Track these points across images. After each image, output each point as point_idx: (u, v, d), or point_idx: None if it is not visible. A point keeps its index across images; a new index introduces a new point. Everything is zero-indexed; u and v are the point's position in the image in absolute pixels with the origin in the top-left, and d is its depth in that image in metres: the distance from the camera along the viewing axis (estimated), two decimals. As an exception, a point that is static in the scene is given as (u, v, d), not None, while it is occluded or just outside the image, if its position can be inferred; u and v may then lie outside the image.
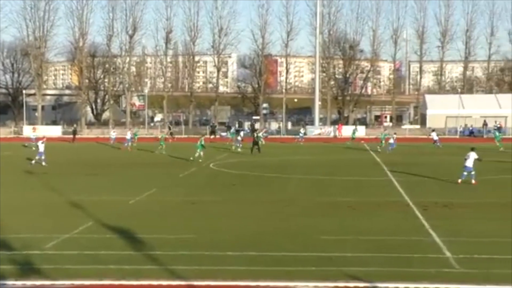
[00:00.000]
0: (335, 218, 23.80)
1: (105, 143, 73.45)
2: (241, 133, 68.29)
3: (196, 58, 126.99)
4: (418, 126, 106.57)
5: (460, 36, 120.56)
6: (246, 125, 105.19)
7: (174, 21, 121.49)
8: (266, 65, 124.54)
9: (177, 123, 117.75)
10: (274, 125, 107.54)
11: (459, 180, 34.15)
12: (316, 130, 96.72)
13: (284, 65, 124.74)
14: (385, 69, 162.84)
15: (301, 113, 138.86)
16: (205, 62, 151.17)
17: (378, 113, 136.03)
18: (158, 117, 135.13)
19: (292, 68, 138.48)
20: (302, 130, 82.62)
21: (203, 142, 50.56)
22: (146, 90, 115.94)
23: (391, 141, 61.32)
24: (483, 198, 29.04)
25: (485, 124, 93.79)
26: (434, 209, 25.72)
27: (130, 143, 64.91)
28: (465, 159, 34.71)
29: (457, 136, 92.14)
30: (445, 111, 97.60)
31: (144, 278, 15.31)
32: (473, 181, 33.83)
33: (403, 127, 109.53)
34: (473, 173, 34.23)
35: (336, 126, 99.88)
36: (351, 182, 36.35)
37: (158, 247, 18.60)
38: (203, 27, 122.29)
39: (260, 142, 61.98)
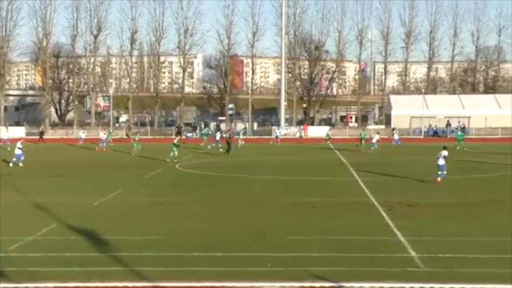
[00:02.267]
0: (301, 219, 23.85)
1: (74, 144, 72.85)
2: (218, 134, 68.43)
3: (162, 59, 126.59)
4: (383, 127, 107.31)
5: (424, 37, 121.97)
6: (212, 125, 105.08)
7: (139, 22, 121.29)
8: (232, 66, 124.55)
9: (143, 124, 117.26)
10: (240, 126, 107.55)
11: (439, 179, 34.33)
12: (282, 131, 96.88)
13: (250, 65, 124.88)
14: (351, 70, 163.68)
15: (267, 113, 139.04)
16: (171, 62, 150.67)
17: (343, 114, 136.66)
18: (123, 118, 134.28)
19: (258, 68, 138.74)
20: (278, 130, 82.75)
21: (176, 142, 50.77)
22: (111, 91, 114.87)
23: (374, 140, 61.61)
24: (446, 198, 29.32)
25: (448, 124, 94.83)
26: (399, 209, 25.91)
27: (105, 144, 64.45)
28: (438, 158, 34.92)
29: (422, 136, 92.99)
30: (409, 112, 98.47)
31: (110, 280, 15.19)
32: (438, 179, 34.04)
33: (368, 127, 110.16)
34: (444, 172, 34.42)
35: (302, 127, 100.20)
36: (317, 183, 36.49)
37: (123, 249, 18.49)
38: (169, 27, 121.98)
39: (239, 143, 62.56)
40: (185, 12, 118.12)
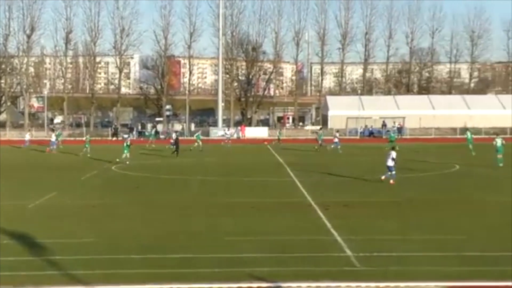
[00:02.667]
0: (238, 219, 23.85)
1: (18, 146, 71.55)
2: (174, 135, 68.10)
3: (97, 59, 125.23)
4: (320, 127, 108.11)
5: (360, 39, 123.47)
6: (149, 126, 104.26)
7: (74, 21, 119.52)
8: (169, 66, 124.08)
9: (78, 125, 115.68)
10: (177, 127, 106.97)
11: (383, 177, 34.67)
12: (219, 132, 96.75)
13: (187, 66, 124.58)
14: (288, 71, 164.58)
15: (204, 114, 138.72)
16: (107, 63, 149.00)
17: (280, 114, 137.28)
18: (58, 119, 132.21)
19: (195, 69, 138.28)
20: (227, 131, 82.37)
21: (129, 143, 50.79)
22: (45, 92, 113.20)
23: (336, 140, 61.93)
24: (381, 198, 29.69)
25: (384, 125, 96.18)
26: (335, 208, 26.11)
27: (55, 146, 63.46)
28: (386, 159, 35.24)
29: (358, 137, 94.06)
30: (345, 112, 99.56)
31: (44, 284, 14.92)
32: (391, 181, 34.30)
33: (305, 128, 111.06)
34: (393, 172, 34.71)
35: (239, 128, 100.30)
36: (254, 183, 36.55)
37: (58, 252, 18.18)
38: (104, 27, 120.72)
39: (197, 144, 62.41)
40: (121, 12, 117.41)
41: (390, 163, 34.73)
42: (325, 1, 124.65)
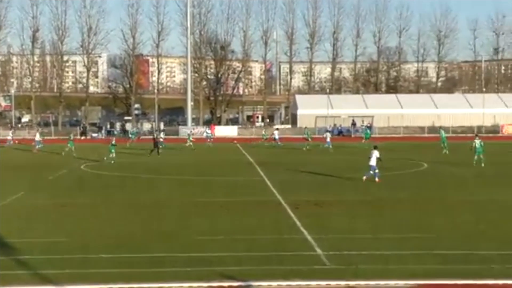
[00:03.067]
0: (208, 218, 23.81)
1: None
2: (162, 134, 67.85)
3: (65, 58, 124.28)
4: (289, 126, 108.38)
5: (328, 38, 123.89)
6: (118, 125, 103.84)
7: (40, 20, 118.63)
8: (137, 65, 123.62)
9: (46, 124, 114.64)
10: (146, 126, 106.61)
11: (364, 178, 34.76)
12: (188, 131, 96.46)
13: (156, 65, 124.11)
14: (256, 70, 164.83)
15: (173, 113, 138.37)
16: (75, 61, 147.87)
17: (250, 113, 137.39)
18: (26, 118, 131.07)
19: (164, 68, 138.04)
20: (208, 130, 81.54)
21: (114, 142, 50.98)
22: (12, 90, 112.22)
23: (328, 139, 62.21)
24: (352, 196, 29.88)
25: (353, 123, 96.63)
26: (305, 207, 26.20)
27: (41, 145, 63.16)
28: (369, 158, 35.34)
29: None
30: (315, 111, 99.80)
31: (13, 284, 14.81)
32: (376, 179, 34.49)
33: (274, 127, 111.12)
34: (376, 171, 34.86)
35: (209, 127, 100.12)
36: (224, 182, 36.56)
37: (27, 252, 18.06)
38: (71, 26, 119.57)
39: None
40: (88, 10, 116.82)
41: (373, 162, 34.88)
42: (292, 1, 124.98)
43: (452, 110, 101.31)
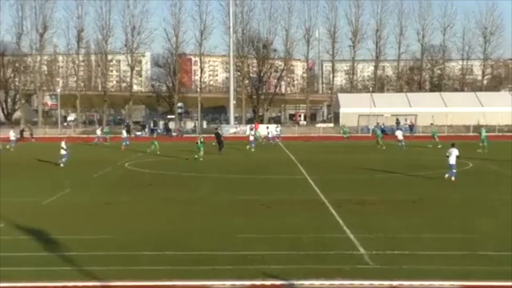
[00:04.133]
0: (250, 217, 23.89)
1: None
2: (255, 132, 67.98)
3: (109, 57, 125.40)
4: (331, 125, 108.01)
5: (371, 36, 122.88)
6: (161, 124, 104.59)
7: (85, 20, 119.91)
8: (180, 64, 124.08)
9: (91, 123, 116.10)
10: (189, 124, 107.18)
11: (446, 176, 34.45)
12: (231, 129, 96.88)
13: (199, 64, 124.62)
14: (299, 68, 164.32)
15: (216, 112, 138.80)
16: (119, 61, 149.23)
17: (292, 112, 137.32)
18: (71, 117, 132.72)
19: (206, 67, 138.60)
20: (252, 132, 78.85)
21: (202, 140, 51.58)
22: (58, 89, 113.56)
23: (400, 137, 61.77)
24: (394, 195, 29.64)
25: (397, 122, 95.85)
26: (348, 206, 26.12)
27: (127, 143, 64.44)
28: (447, 156, 35.01)
29: (369, 134, 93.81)
30: (357, 110, 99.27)
31: (59, 280, 15.04)
32: (452, 178, 34.15)
33: (317, 125, 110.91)
34: (454, 171, 34.46)
35: (253, 125, 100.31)
36: (266, 181, 36.55)
37: (72, 248, 18.33)
38: (115, 25, 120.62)
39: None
40: (132, 10, 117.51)
41: (453, 161, 34.42)
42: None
43: (498, 108, 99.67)
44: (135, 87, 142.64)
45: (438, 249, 18.27)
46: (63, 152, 45.02)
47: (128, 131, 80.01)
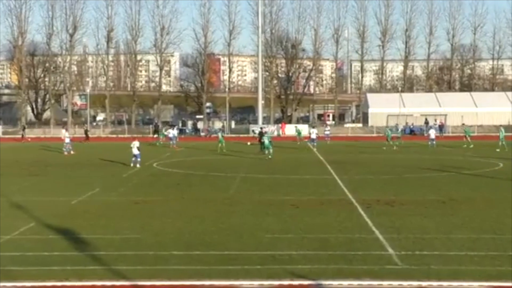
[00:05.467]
0: (279, 217, 23.84)
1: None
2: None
3: (138, 57, 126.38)
4: (360, 125, 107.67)
5: (400, 36, 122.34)
6: (190, 124, 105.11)
7: (115, 20, 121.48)
8: (209, 64, 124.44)
9: (120, 122, 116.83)
10: (217, 124, 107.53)
11: None
12: (257, 129, 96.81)
13: (227, 64, 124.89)
14: (327, 68, 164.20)
15: (244, 112, 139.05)
16: (148, 61, 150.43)
17: (321, 112, 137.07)
18: (100, 117, 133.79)
19: (235, 67, 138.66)
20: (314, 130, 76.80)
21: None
22: (87, 89, 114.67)
23: (432, 136, 61.86)
24: (424, 196, 29.44)
25: (426, 122, 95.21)
26: (376, 206, 25.99)
27: (176, 141, 65.31)
28: None
29: (398, 135, 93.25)
30: (386, 110, 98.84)
31: (88, 279, 15.14)
32: None
33: (345, 125, 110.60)
34: None
35: (280, 125, 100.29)
36: (294, 181, 36.49)
37: (101, 248, 18.43)
38: (145, 26, 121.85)
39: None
40: (161, 10, 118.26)
41: None
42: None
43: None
44: (164, 87, 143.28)
45: (468, 249, 18.11)
46: (136, 152, 44.05)
47: (156, 131, 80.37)
